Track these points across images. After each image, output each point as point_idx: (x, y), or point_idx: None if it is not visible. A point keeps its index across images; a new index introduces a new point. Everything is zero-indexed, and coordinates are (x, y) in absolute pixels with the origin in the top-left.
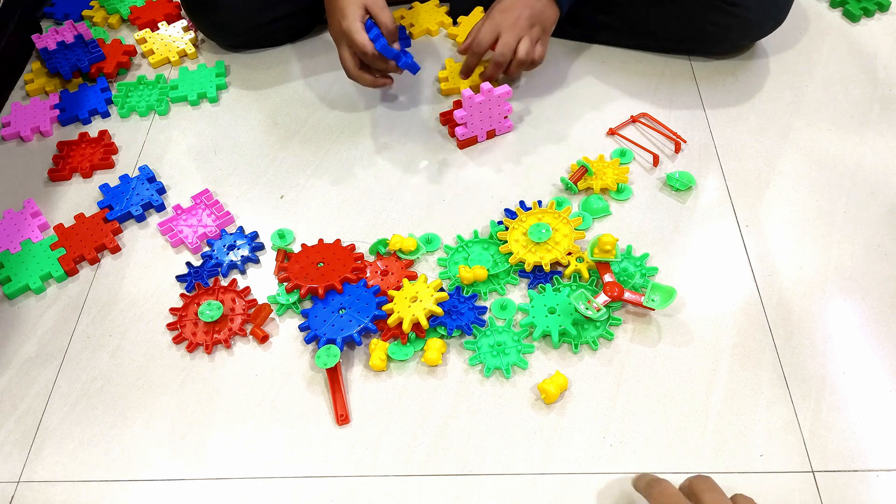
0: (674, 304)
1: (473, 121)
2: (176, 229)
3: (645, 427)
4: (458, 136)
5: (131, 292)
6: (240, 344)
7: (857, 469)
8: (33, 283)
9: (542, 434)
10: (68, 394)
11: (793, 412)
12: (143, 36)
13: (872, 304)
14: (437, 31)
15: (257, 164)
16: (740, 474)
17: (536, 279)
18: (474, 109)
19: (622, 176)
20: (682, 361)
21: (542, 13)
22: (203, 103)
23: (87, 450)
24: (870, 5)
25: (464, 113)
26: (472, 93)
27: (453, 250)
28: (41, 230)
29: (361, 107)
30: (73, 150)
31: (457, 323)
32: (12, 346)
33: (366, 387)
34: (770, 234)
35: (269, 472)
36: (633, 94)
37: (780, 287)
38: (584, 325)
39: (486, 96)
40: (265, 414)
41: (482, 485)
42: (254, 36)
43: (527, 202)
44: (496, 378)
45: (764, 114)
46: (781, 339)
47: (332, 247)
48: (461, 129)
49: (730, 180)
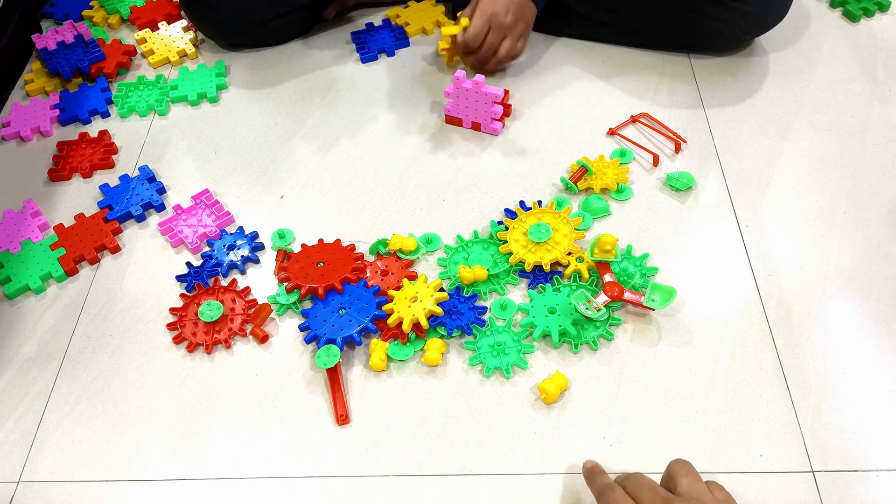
0: (674, 304)
1: (459, 102)
2: (176, 229)
3: (645, 427)
4: (445, 109)
5: (131, 292)
6: (240, 344)
7: (857, 469)
8: (33, 283)
9: (542, 434)
10: (68, 394)
11: (793, 412)
12: (143, 36)
13: (872, 304)
14: (433, 30)
15: (257, 164)
16: (740, 474)
17: (536, 279)
18: (461, 93)
19: (622, 176)
20: (682, 361)
21: (525, 9)
22: (203, 103)
23: (87, 450)
24: (870, 5)
25: (451, 90)
26: (463, 76)
27: (453, 250)
28: (41, 230)
29: (362, 107)
30: (73, 150)
31: (457, 323)
32: (12, 346)
33: (366, 387)
34: (770, 234)
35: (269, 472)
36: (633, 94)
37: (780, 287)
38: (584, 325)
39: (475, 87)
40: (265, 414)
41: (482, 485)
42: (253, 35)
43: (527, 202)
44: (496, 378)
45: (764, 114)
46: (781, 339)
47: (332, 247)
48: (448, 103)
49: (730, 180)
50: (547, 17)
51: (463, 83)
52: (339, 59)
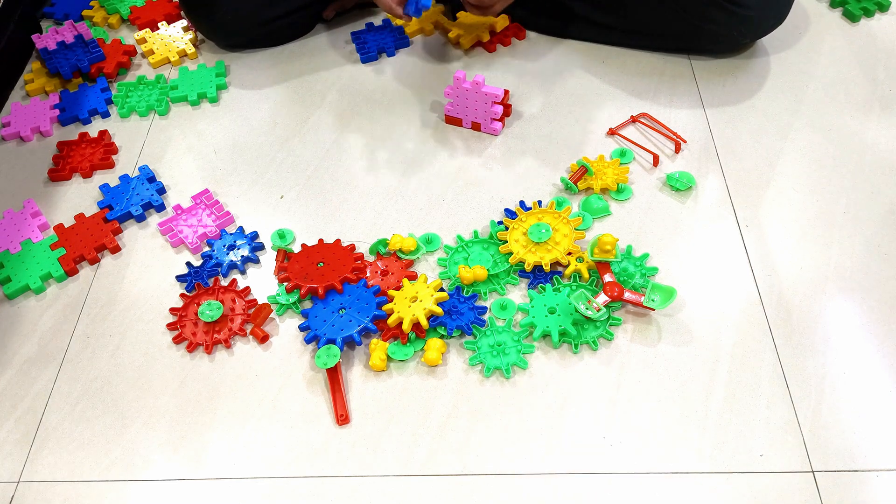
0: (674, 304)
1: (459, 103)
2: (176, 229)
3: (645, 427)
4: (445, 109)
5: (131, 292)
6: (240, 344)
7: (857, 469)
8: (33, 283)
9: (542, 434)
10: (68, 394)
11: (793, 412)
12: (143, 36)
13: (872, 304)
14: (432, 31)
15: (257, 164)
16: (740, 474)
17: (536, 279)
18: (460, 93)
19: (622, 176)
20: (682, 361)
21: None
22: (203, 103)
23: (87, 450)
24: (870, 5)
25: (450, 90)
26: (463, 75)
27: (453, 250)
28: (41, 230)
29: (362, 107)
30: (73, 150)
31: (457, 323)
32: (12, 346)
33: (366, 387)
34: (770, 234)
35: (269, 472)
36: (633, 94)
37: (780, 287)
38: (584, 325)
39: (474, 87)
40: (265, 414)
41: (482, 485)
42: (253, 35)
43: (527, 202)
44: (496, 378)
45: (764, 114)
46: (781, 339)
47: (332, 247)
48: (448, 103)
49: (730, 180)
50: (548, 19)
51: (463, 83)
52: (339, 59)
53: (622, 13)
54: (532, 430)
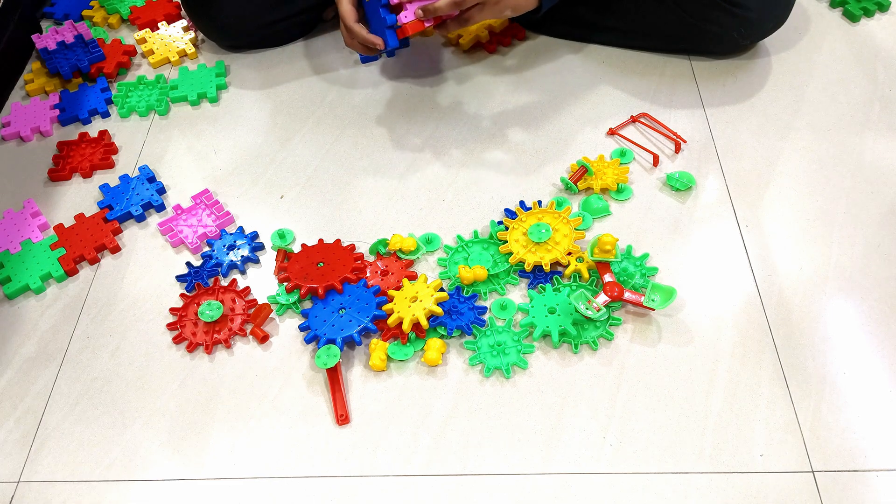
0: (674, 304)
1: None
2: (176, 229)
3: (645, 427)
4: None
5: (131, 292)
6: (240, 344)
7: (857, 469)
8: (33, 283)
9: (542, 434)
10: (68, 394)
11: (793, 412)
12: (143, 36)
13: (872, 304)
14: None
15: (257, 164)
16: (740, 474)
17: (536, 279)
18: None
19: (622, 176)
20: (682, 361)
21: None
22: (203, 103)
23: (87, 450)
24: (870, 5)
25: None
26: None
27: (453, 250)
28: (41, 230)
29: (362, 107)
30: (73, 150)
31: (457, 323)
32: (12, 346)
33: (366, 387)
34: (770, 234)
35: (269, 472)
36: (633, 94)
37: (780, 287)
38: (584, 325)
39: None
40: (265, 414)
41: (482, 485)
42: (255, 37)
43: (527, 202)
44: (496, 378)
45: (764, 114)
46: (781, 339)
47: (332, 247)
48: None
49: (730, 180)
50: (549, 22)
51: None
52: (339, 59)
53: (623, 16)
54: (532, 430)
